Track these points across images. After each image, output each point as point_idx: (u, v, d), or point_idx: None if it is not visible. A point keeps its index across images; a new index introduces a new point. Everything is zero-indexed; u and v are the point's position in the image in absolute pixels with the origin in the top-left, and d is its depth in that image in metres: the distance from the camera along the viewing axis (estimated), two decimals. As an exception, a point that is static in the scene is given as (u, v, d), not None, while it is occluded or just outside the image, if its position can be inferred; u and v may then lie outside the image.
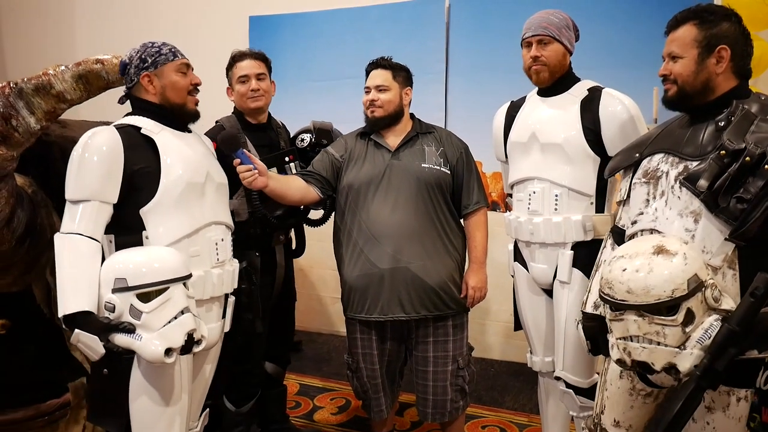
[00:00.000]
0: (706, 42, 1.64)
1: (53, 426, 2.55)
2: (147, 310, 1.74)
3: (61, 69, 2.11)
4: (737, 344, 1.42)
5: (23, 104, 2.05)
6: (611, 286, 1.52)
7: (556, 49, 2.22)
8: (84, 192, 1.87)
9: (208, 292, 2.03)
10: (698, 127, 1.67)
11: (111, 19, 5.04)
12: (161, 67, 2.04)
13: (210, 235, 2.05)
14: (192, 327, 1.78)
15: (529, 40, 2.24)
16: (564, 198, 2.21)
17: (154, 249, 1.89)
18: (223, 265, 2.09)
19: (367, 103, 2.47)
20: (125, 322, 1.75)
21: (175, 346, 1.74)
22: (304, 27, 4.38)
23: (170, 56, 2.06)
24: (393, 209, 2.38)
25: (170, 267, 1.80)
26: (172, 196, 1.95)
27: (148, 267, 1.79)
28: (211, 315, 2.07)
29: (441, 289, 2.39)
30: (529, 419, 3.18)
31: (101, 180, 1.88)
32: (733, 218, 1.51)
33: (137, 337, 1.74)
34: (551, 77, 2.25)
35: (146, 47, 2.06)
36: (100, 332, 1.74)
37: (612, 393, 1.80)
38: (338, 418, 3.24)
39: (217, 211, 2.11)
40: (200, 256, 2.01)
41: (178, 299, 1.78)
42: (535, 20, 2.25)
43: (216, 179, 2.12)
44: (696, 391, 1.46)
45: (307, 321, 4.31)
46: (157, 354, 1.71)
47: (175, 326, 1.75)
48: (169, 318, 1.76)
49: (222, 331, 2.15)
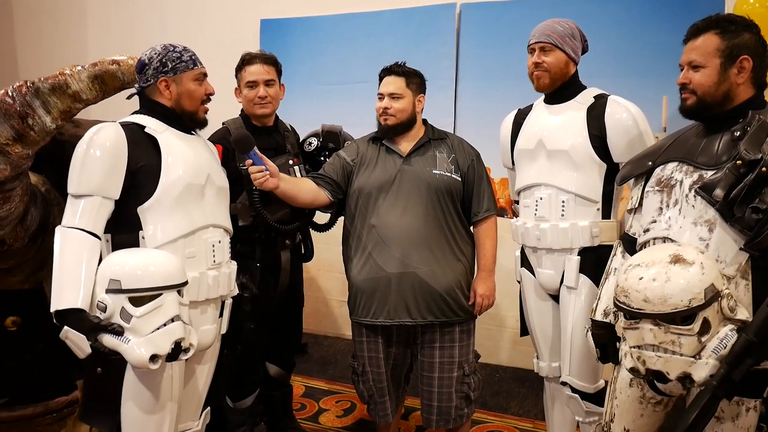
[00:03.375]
0: (728, 52, 1.64)
1: (61, 423, 2.57)
2: (137, 314, 1.73)
3: (77, 69, 2.13)
4: (754, 354, 1.42)
5: (40, 103, 2.08)
6: (627, 294, 1.52)
7: (557, 57, 2.24)
8: (87, 187, 1.88)
9: (203, 294, 2.02)
10: (713, 136, 1.67)
11: (122, 20, 5.07)
12: (180, 74, 2.05)
13: (207, 237, 2.05)
14: (180, 336, 1.77)
15: (533, 47, 2.27)
16: (571, 204, 2.22)
17: (153, 253, 1.88)
18: (219, 267, 2.08)
19: (380, 110, 2.46)
20: (115, 323, 1.74)
21: (161, 353, 1.72)
22: (315, 31, 4.40)
23: (190, 64, 2.07)
24: (402, 214, 2.38)
25: (165, 273, 1.79)
26: (170, 195, 1.96)
27: (144, 271, 1.77)
28: (206, 317, 2.07)
29: (448, 295, 2.39)
30: (534, 425, 3.18)
31: (104, 175, 1.89)
32: (748, 228, 1.51)
33: (125, 339, 1.72)
34: (552, 84, 2.27)
35: (168, 51, 2.06)
36: (89, 332, 1.73)
37: (622, 401, 1.80)
38: (343, 421, 3.24)
39: (216, 214, 2.11)
40: (196, 257, 2.01)
41: (169, 306, 1.77)
42: (540, 28, 2.28)
43: (217, 182, 2.13)
44: (712, 401, 1.46)
45: (313, 324, 4.33)
46: (142, 359, 1.70)
47: (164, 333, 1.74)
48: (158, 324, 1.74)
49: (218, 332, 2.14)
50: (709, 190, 1.58)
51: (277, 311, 2.70)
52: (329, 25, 4.35)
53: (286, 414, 2.96)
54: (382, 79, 2.49)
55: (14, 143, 2.05)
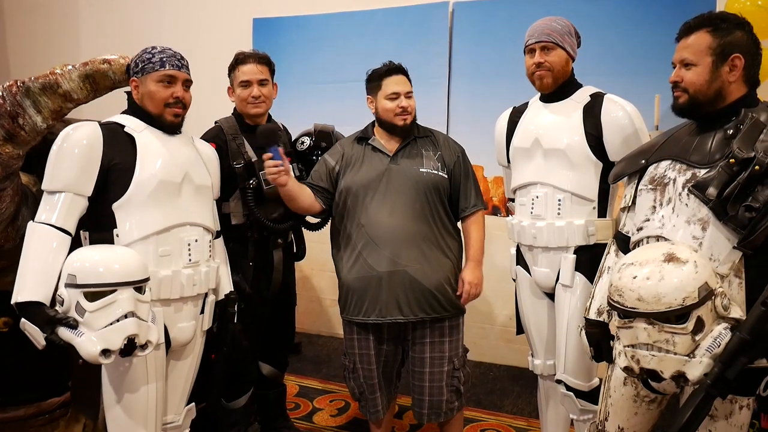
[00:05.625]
0: (720, 50, 1.64)
1: (54, 424, 2.56)
2: (90, 309, 1.75)
3: (68, 68, 2.11)
4: (748, 353, 1.43)
5: (30, 103, 2.06)
6: (621, 293, 1.52)
7: (559, 55, 2.24)
8: (58, 183, 1.91)
9: (176, 292, 2.03)
10: (706, 135, 1.68)
11: (114, 19, 5.05)
12: (145, 75, 2.06)
13: (183, 236, 2.05)
14: (133, 332, 1.76)
15: (533, 47, 2.26)
16: (567, 203, 2.22)
17: (115, 249, 1.89)
18: (196, 266, 2.08)
19: (398, 109, 2.43)
20: (70, 317, 1.76)
21: (112, 348, 1.73)
22: (307, 30, 4.39)
23: (156, 65, 2.05)
24: (391, 213, 2.39)
25: (123, 270, 1.79)
26: (143, 192, 1.97)
27: (100, 267, 1.79)
28: (181, 315, 2.07)
29: (438, 292, 2.41)
30: (528, 423, 3.19)
31: (77, 172, 1.91)
32: (741, 227, 1.51)
33: (78, 333, 1.74)
34: (555, 83, 2.27)
35: (144, 52, 2.09)
36: (44, 324, 1.76)
37: (616, 400, 1.81)
38: (337, 420, 3.24)
39: (194, 213, 2.10)
40: (171, 255, 2.01)
41: (123, 303, 1.77)
42: (538, 27, 2.27)
43: (196, 181, 2.12)
44: (706, 400, 1.46)
45: (306, 323, 4.32)
46: (93, 353, 1.71)
47: (115, 329, 1.74)
48: (111, 320, 1.75)
49: (199, 329, 2.15)
50: (702, 189, 1.58)
51: (270, 310, 2.70)
52: (322, 24, 4.35)
53: (280, 413, 2.96)
54: (385, 77, 2.46)
55: (5, 143, 2.04)
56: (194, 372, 2.20)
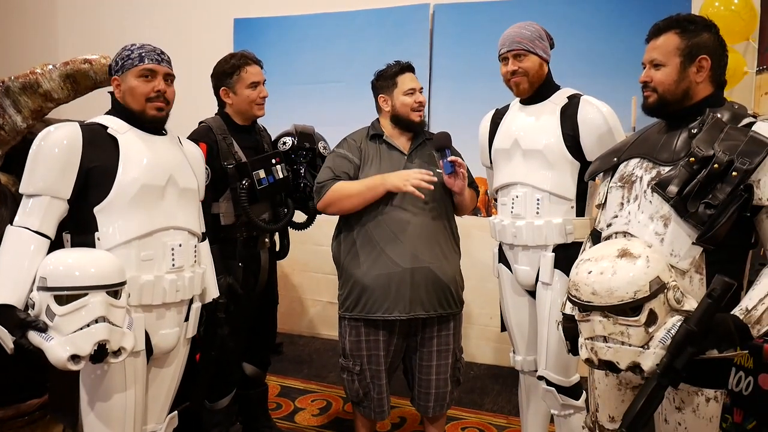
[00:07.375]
0: (688, 51, 1.68)
1: (33, 426, 2.53)
2: (60, 313, 1.69)
3: (48, 68, 2.11)
4: (695, 344, 1.46)
5: (10, 103, 2.06)
6: (578, 288, 1.57)
7: (532, 60, 2.28)
8: (36, 186, 1.85)
9: (158, 298, 1.96)
10: (673, 133, 1.72)
11: (93, 19, 5.02)
12: (126, 72, 2.00)
13: (166, 240, 1.98)
14: (103, 338, 1.70)
15: (506, 55, 2.30)
16: (545, 202, 2.26)
17: (90, 252, 1.83)
18: (180, 271, 2.01)
19: (415, 104, 2.49)
20: (40, 321, 1.71)
21: (82, 354, 1.67)
22: (289, 30, 4.40)
23: (135, 61, 2.00)
24: (412, 210, 2.43)
25: (95, 274, 1.73)
26: (125, 196, 1.91)
27: (73, 269, 1.73)
28: (163, 321, 2.00)
29: (453, 288, 2.48)
30: (507, 421, 3.22)
31: (54, 175, 1.85)
32: (701, 223, 1.56)
33: (47, 338, 1.69)
34: (531, 87, 2.32)
35: (123, 50, 2.03)
36: (14, 328, 1.70)
37: (602, 391, 1.85)
38: (319, 420, 3.25)
39: (178, 216, 2.03)
40: (153, 260, 1.95)
41: (94, 307, 1.70)
42: (509, 36, 2.30)
43: (180, 184, 2.05)
44: (657, 389, 1.50)
45: (288, 323, 4.32)
46: (61, 359, 1.65)
47: (85, 334, 1.68)
48: (80, 325, 1.68)
49: (182, 336, 2.09)
50: (663, 186, 1.62)
51: (256, 311, 2.71)
52: (303, 24, 4.37)
53: (262, 413, 2.96)
54: (400, 75, 2.51)
55: (-17, 143, 2.03)
56: (177, 380, 2.14)
